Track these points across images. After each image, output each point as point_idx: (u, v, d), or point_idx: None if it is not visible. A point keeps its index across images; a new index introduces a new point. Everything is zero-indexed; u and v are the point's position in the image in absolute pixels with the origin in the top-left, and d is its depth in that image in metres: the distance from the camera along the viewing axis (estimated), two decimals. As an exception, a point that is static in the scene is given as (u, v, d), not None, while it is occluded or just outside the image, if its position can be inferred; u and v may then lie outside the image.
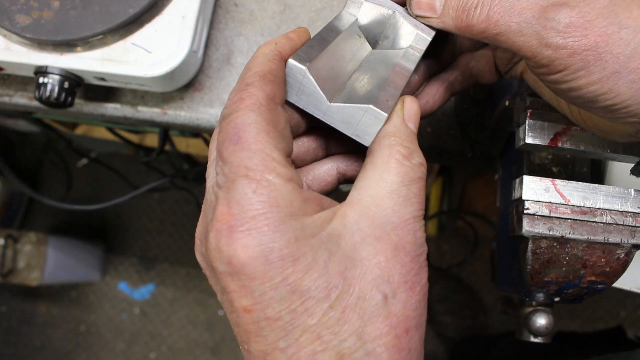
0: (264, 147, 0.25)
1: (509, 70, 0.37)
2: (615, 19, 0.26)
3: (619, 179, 0.47)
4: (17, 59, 0.49)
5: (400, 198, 0.27)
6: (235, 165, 0.25)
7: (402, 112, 0.30)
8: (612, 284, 0.38)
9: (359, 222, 0.26)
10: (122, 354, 1.58)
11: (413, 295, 0.26)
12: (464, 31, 0.30)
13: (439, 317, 1.42)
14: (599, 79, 0.27)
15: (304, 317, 0.24)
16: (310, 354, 0.24)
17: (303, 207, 0.25)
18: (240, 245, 0.24)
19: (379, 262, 0.25)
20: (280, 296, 0.24)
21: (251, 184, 0.24)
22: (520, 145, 0.37)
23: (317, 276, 0.24)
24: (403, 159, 0.28)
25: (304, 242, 0.24)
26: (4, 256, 1.27)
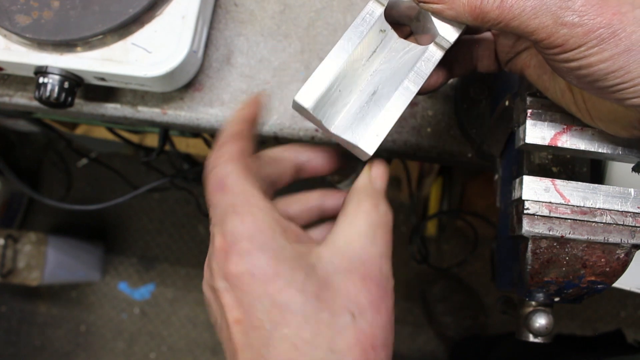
0: (245, 188, 0.31)
1: (508, 61, 0.37)
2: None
3: (619, 179, 0.47)
4: (17, 59, 0.49)
5: (367, 240, 0.31)
6: (224, 207, 0.30)
7: (370, 174, 0.35)
8: (612, 284, 0.38)
9: (332, 258, 0.30)
10: (122, 354, 1.58)
11: (379, 316, 0.30)
12: (476, 19, 0.30)
13: (439, 317, 1.42)
14: (611, 56, 0.28)
15: (283, 328, 0.28)
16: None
17: (284, 237, 0.30)
18: (232, 264, 0.29)
19: (347, 288, 0.29)
20: (264, 307, 0.28)
21: (238, 217, 0.30)
22: (520, 145, 0.37)
23: (294, 293, 0.28)
24: (369, 209, 0.33)
25: (284, 262, 0.29)
26: (4, 256, 1.27)
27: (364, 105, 0.34)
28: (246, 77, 0.55)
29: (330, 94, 0.33)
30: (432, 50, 0.34)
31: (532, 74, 0.36)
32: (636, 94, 0.28)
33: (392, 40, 0.35)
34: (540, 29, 0.28)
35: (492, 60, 0.38)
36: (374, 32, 0.34)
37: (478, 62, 0.39)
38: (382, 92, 0.34)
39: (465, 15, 0.31)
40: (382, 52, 0.35)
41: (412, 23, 0.36)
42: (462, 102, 0.52)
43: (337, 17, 0.56)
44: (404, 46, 0.35)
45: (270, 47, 0.55)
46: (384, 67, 0.34)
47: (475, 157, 0.54)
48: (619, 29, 0.27)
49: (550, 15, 0.28)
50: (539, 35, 0.29)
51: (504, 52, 0.37)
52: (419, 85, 0.34)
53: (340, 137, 0.33)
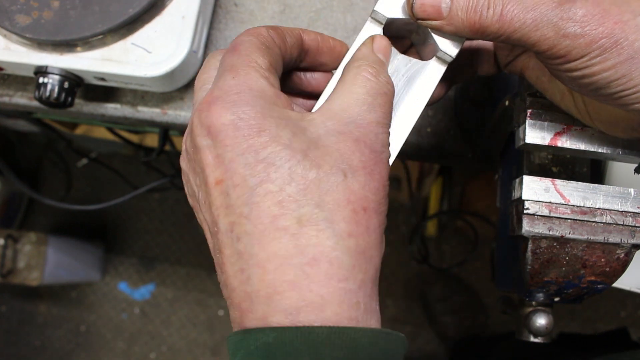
0: (251, 53, 0.29)
1: (508, 63, 0.37)
2: (629, 7, 0.27)
3: (619, 179, 0.47)
4: (17, 59, 0.49)
5: (365, 106, 0.29)
6: (225, 65, 0.29)
7: (372, 45, 0.33)
8: (612, 284, 0.38)
9: (325, 122, 0.28)
10: (122, 354, 1.58)
11: (372, 180, 0.28)
12: (476, 34, 0.30)
13: (439, 317, 1.42)
14: (614, 65, 0.28)
15: (267, 184, 0.26)
16: (272, 218, 0.26)
17: (274, 99, 0.28)
18: (215, 114, 0.27)
19: (339, 147, 0.27)
20: (246, 162, 0.26)
21: (232, 73, 0.28)
22: (520, 145, 0.37)
23: (280, 149, 0.26)
24: (370, 75, 0.30)
25: (270, 119, 0.27)
26: (4, 256, 1.27)
27: None
28: (246, 77, 0.55)
29: None
30: (434, 65, 0.34)
31: (531, 75, 0.36)
32: (638, 100, 0.28)
33: (394, 57, 0.35)
34: (542, 41, 0.28)
35: (491, 63, 0.38)
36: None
37: (478, 67, 0.39)
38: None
39: (464, 30, 0.30)
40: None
41: (412, 36, 0.36)
42: (462, 103, 0.52)
43: (337, 17, 0.56)
44: (406, 62, 0.34)
45: (270, 47, 0.55)
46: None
47: (475, 157, 0.54)
48: (621, 37, 0.27)
49: (552, 27, 0.28)
50: (541, 47, 0.29)
51: (503, 56, 0.37)
52: (424, 101, 0.34)
53: None
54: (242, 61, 0.29)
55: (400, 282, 1.51)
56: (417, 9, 0.31)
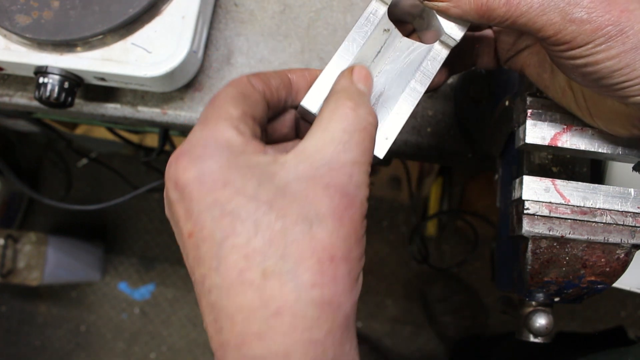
0: (225, 104, 0.29)
1: (509, 58, 0.37)
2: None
3: (619, 179, 0.47)
4: (17, 59, 0.49)
5: (340, 145, 0.28)
6: (200, 118, 0.29)
7: (351, 76, 0.32)
8: (612, 284, 0.38)
9: (297, 165, 0.28)
10: (122, 354, 1.58)
11: (341, 227, 0.27)
12: (483, 17, 0.30)
13: (439, 317, 1.42)
14: (618, 54, 0.28)
15: (233, 237, 0.26)
16: (238, 272, 0.26)
17: (242, 147, 0.28)
18: (181, 168, 0.27)
19: (307, 195, 0.27)
20: (212, 216, 0.26)
21: (201, 125, 0.29)
22: (520, 145, 0.37)
23: (245, 201, 0.26)
24: (348, 109, 0.29)
25: (235, 170, 0.27)
26: (4, 256, 1.27)
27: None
28: (246, 77, 0.55)
29: None
30: (438, 49, 0.34)
31: (532, 72, 0.36)
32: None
33: (397, 39, 0.34)
34: (548, 25, 0.28)
35: (491, 57, 0.38)
36: (377, 32, 0.34)
37: (478, 59, 0.39)
38: (388, 94, 0.34)
39: (471, 13, 0.30)
40: (386, 52, 0.34)
41: (415, 21, 0.36)
42: (462, 102, 0.52)
43: (337, 17, 0.56)
44: (409, 45, 0.34)
45: (270, 47, 0.55)
46: (389, 68, 0.34)
47: (475, 157, 0.54)
48: (627, 26, 0.27)
49: (559, 12, 0.28)
50: (547, 32, 0.29)
51: (504, 50, 0.37)
52: (425, 85, 0.34)
53: None
54: (213, 113, 0.29)
55: (400, 282, 1.51)
56: None
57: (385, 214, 1.55)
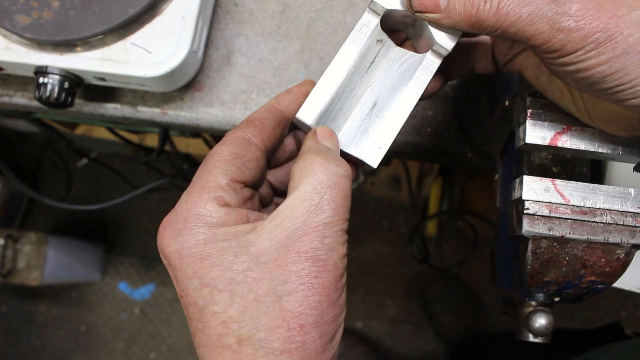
0: (214, 170, 0.31)
1: (507, 62, 0.37)
2: (624, 2, 0.28)
3: (619, 179, 0.47)
4: (17, 59, 0.49)
5: (312, 206, 0.29)
6: (192, 182, 0.31)
7: (316, 137, 0.33)
8: (612, 284, 0.38)
9: (271, 232, 0.29)
10: (122, 354, 1.58)
11: (311, 295, 0.29)
12: (473, 27, 0.30)
13: (439, 317, 1.42)
14: (608, 59, 0.28)
15: (212, 305, 0.29)
16: (218, 336, 0.29)
17: (222, 219, 0.30)
18: (165, 241, 0.30)
19: (279, 265, 0.29)
20: (194, 286, 0.29)
21: (187, 196, 0.31)
22: (520, 145, 0.37)
23: (220, 274, 0.29)
24: (318, 166, 0.30)
25: (212, 245, 0.29)
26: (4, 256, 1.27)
27: (365, 118, 0.34)
28: (246, 77, 0.55)
29: (331, 109, 0.33)
30: (430, 59, 0.34)
31: (530, 75, 0.36)
32: (634, 95, 0.28)
33: (390, 49, 0.35)
34: (537, 34, 0.29)
35: (489, 61, 0.38)
36: (371, 43, 0.34)
37: (476, 64, 0.39)
38: (382, 104, 0.34)
39: (462, 23, 0.31)
40: (380, 62, 0.35)
41: (408, 29, 0.37)
42: (462, 102, 0.52)
43: (337, 17, 0.56)
44: (402, 55, 0.35)
45: (270, 47, 0.55)
46: (382, 78, 0.35)
47: (475, 157, 0.54)
48: (616, 32, 0.27)
49: (547, 21, 0.28)
50: (536, 41, 0.29)
51: (501, 54, 0.37)
52: (419, 94, 0.34)
53: (344, 151, 0.34)
54: (200, 180, 0.31)
55: (400, 282, 1.51)
56: (416, 2, 0.32)
57: (385, 214, 1.55)
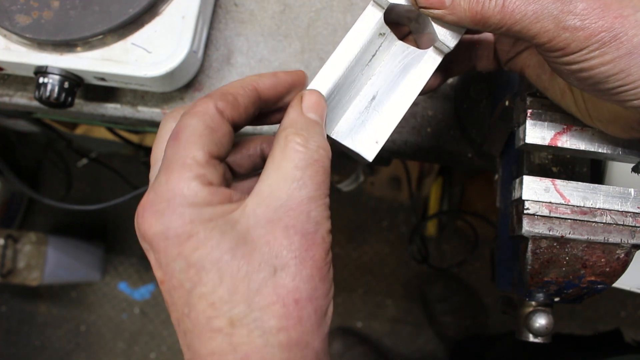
0: (190, 145, 0.29)
1: (509, 60, 0.37)
2: (630, 2, 0.28)
3: (619, 179, 0.47)
4: (17, 59, 0.49)
5: (293, 182, 0.29)
6: (166, 159, 0.29)
7: (300, 105, 0.32)
8: (612, 284, 0.38)
9: (255, 209, 0.29)
10: (122, 354, 1.58)
11: (303, 269, 0.28)
12: (478, 24, 0.30)
13: (439, 317, 1.42)
14: (612, 59, 0.28)
15: (200, 287, 0.27)
16: (207, 319, 0.27)
17: (208, 199, 0.28)
18: (146, 223, 0.28)
19: (267, 241, 0.28)
20: (180, 267, 0.27)
21: (166, 175, 0.29)
22: (520, 145, 0.37)
23: (207, 252, 0.27)
24: (298, 145, 0.29)
25: (198, 224, 0.27)
26: (4, 256, 1.27)
27: (363, 111, 0.34)
28: (246, 77, 0.55)
29: (330, 100, 0.33)
30: (431, 55, 0.34)
31: (532, 73, 0.36)
32: (637, 96, 0.28)
33: (392, 43, 0.35)
34: (542, 33, 0.29)
35: (491, 59, 0.38)
36: (373, 36, 0.34)
37: (477, 62, 0.39)
38: (381, 98, 0.34)
39: (466, 20, 0.31)
40: (381, 56, 0.35)
41: (412, 24, 0.36)
42: (462, 102, 0.52)
43: (337, 17, 0.56)
44: (403, 50, 0.35)
45: (270, 47, 0.55)
46: (383, 71, 0.34)
47: (475, 157, 0.54)
48: (621, 32, 0.27)
49: (552, 19, 0.28)
50: (541, 39, 0.29)
51: (504, 52, 0.37)
52: (418, 89, 0.34)
53: (340, 143, 0.34)
54: (178, 157, 0.29)
55: (400, 282, 1.51)
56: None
57: (385, 214, 1.55)
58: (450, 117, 0.54)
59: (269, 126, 0.48)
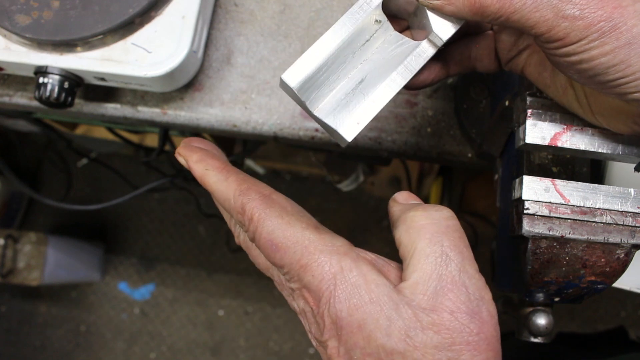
0: (327, 233, 0.30)
1: (509, 60, 0.37)
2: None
3: (619, 179, 0.47)
4: (17, 59, 0.49)
5: (437, 259, 0.28)
6: (294, 265, 0.29)
7: (398, 201, 0.34)
8: (612, 284, 0.38)
9: (412, 299, 0.28)
10: (122, 354, 1.58)
11: (478, 354, 0.27)
12: (476, 15, 0.30)
13: (439, 317, 1.42)
14: (612, 50, 0.28)
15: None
16: None
17: (377, 269, 0.29)
18: (345, 309, 0.28)
19: (439, 330, 0.27)
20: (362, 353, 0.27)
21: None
22: (520, 145, 0.37)
23: (381, 336, 0.27)
24: (423, 222, 0.30)
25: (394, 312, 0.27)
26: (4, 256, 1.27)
27: (349, 92, 0.34)
28: (246, 77, 0.55)
29: (317, 77, 0.33)
30: (424, 47, 0.34)
31: (533, 72, 0.36)
32: (637, 89, 0.28)
33: (387, 32, 0.35)
34: (541, 22, 0.28)
35: (491, 59, 0.38)
36: (369, 22, 0.34)
37: (477, 62, 0.39)
38: (369, 82, 0.34)
39: (464, 10, 0.31)
40: (375, 42, 0.35)
41: (410, 18, 0.37)
42: (462, 102, 0.52)
43: (337, 17, 0.56)
44: (398, 39, 0.35)
45: (270, 47, 0.55)
46: (375, 57, 0.35)
47: (475, 157, 0.54)
48: (620, 22, 0.27)
49: (551, 9, 0.28)
50: (540, 29, 0.29)
51: (504, 51, 0.37)
52: (406, 79, 0.34)
53: (322, 120, 0.33)
54: (308, 252, 0.29)
55: (400, 282, 1.51)
56: None
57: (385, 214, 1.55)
58: (450, 117, 0.54)
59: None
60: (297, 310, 0.31)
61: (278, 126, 0.54)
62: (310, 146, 0.57)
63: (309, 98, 0.33)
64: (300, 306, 0.30)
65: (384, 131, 0.54)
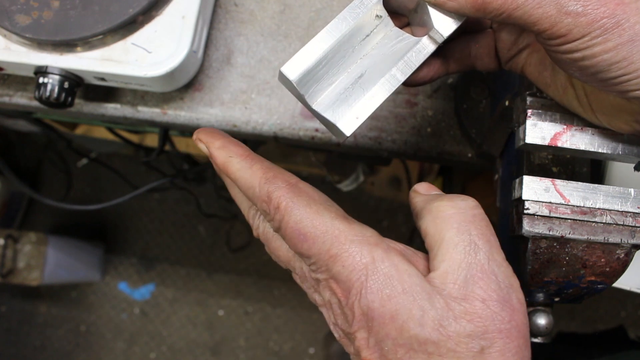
0: (356, 225, 0.29)
1: (509, 59, 0.37)
2: None
3: (619, 179, 0.47)
4: (17, 59, 0.49)
5: (466, 248, 0.28)
6: (322, 255, 0.28)
7: (420, 192, 0.33)
8: (612, 284, 0.38)
9: (444, 288, 0.28)
10: (122, 354, 1.58)
11: (510, 342, 0.27)
12: (478, 11, 0.30)
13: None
14: (614, 47, 0.28)
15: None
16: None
17: (407, 259, 0.29)
18: (378, 300, 0.28)
19: (472, 319, 0.27)
20: (404, 349, 0.27)
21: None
22: (520, 145, 0.37)
23: (415, 327, 0.26)
24: (449, 212, 0.30)
25: (420, 299, 0.27)
26: (4, 256, 1.27)
27: (349, 87, 0.34)
28: (246, 77, 0.55)
29: (317, 71, 0.33)
30: (425, 43, 0.34)
31: (533, 71, 0.36)
32: (639, 86, 0.28)
33: (387, 27, 0.35)
34: (543, 18, 0.28)
35: (491, 58, 0.38)
36: (369, 17, 0.34)
37: (477, 61, 0.38)
38: (368, 77, 0.34)
39: (467, 6, 0.30)
40: (375, 37, 0.35)
41: (410, 14, 0.37)
42: (462, 102, 0.52)
43: (337, 17, 0.56)
44: (398, 35, 0.35)
45: (270, 47, 0.55)
46: (374, 53, 0.35)
47: (475, 157, 0.54)
48: (623, 19, 0.27)
49: (554, 5, 0.28)
50: (542, 25, 0.29)
51: (505, 49, 0.37)
52: (406, 75, 0.34)
53: (320, 114, 0.33)
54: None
55: (400, 282, 1.51)
56: None
57: (385, 214, 1.55)
58: (450, 117, 0.54)
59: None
60: (319, 303, 0.31)
61: (278, 126, 0.54)
62: (310, 146, 0.57)
63: (307, 92, 0.33)
64: (326, 297, 0.30)
65: (384, 131, 0.54)
